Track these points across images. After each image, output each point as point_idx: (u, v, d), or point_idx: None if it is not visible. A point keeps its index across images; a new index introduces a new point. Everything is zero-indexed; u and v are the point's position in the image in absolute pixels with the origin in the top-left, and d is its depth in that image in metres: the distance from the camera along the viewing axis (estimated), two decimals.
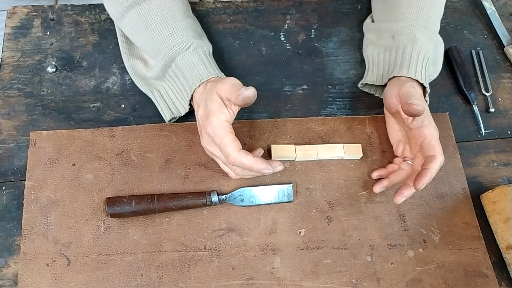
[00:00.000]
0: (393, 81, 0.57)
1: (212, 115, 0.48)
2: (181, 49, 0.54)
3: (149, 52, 0.57)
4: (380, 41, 0.63)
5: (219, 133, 0.48)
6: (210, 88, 0.51)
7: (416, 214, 0.58)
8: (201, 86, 0.53)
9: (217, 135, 0.48)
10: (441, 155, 0.51)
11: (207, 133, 0.49)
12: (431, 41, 0.60)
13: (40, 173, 0.55)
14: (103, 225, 0.53)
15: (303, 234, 0.55)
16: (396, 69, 0.58)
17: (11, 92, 0.60)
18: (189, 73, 0.54)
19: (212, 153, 0.53)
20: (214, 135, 0.48)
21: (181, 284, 0.51)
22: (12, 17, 0.64)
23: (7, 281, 0.50)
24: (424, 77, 0.56)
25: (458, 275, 0.55)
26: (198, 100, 0.53)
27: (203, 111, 0.51)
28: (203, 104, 0.51)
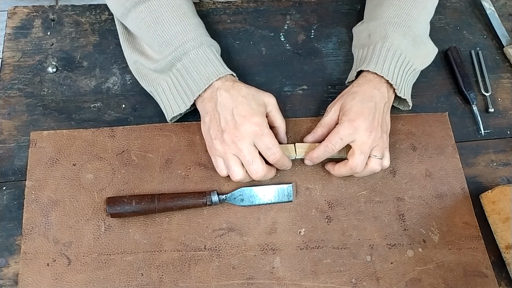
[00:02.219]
0: (356, 81, 0.58)
1: (259, 114, 0.53)
2: (196, 44, 0.55)
3: (155, 47, 0.57)
4: (359, 42, 0.65)
5: (268, 132, 0.52)
6: (252, 91, 0.54)
7: (415, 214, 0.58)
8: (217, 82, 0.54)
9: (266, 134, 0.52)
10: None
11: (240, 128, 0.51)
12: (407, 36, 0.59)
13: (41, 173, 0.55)
14: (103, 225, 0.53)
15: (303, 234, 0.55)
16: (364, 64, 0.59)
17: (12, 92, 0.60)
18: (204, 68, 0.54)
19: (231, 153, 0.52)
20: (262, 134, 0.52)
21: (181, 283, 0.51)
22: (13, 17, 0.65)
23: (7, 280, 0.50)
24: (392, 73, 0.56)
25: (457, 275, 0.55)
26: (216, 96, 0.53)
27: (235, 107, 0.52)
28: (234, 101, 0.52)
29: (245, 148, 0.51)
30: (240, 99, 0.53)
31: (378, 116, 0.55)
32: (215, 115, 0.53)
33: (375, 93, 0.56)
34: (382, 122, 0.56)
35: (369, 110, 0.54)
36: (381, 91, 0.56)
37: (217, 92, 0.53)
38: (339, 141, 0.54)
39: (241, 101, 0.53)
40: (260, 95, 0.55)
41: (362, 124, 0.53)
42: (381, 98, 0.56)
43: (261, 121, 0.52)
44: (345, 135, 0.54)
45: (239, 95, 0.53)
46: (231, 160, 0.52)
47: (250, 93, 0.54)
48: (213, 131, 0.53)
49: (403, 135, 0.63)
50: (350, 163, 0.54)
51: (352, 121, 0.54)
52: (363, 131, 0.53)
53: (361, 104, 0.55)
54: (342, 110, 0.56)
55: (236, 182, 0.56)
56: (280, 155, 0.53)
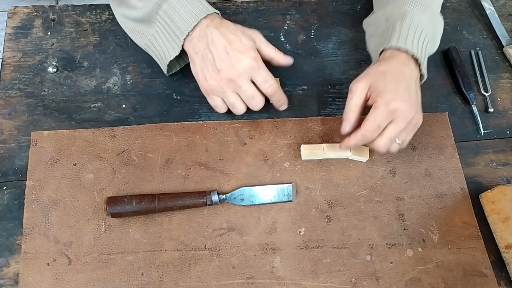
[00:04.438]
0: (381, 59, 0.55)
1: (252, 48, 0.53)
2: None
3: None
4: (378, 30, 0.62)
5: (263, 66, 0.53)
6: (239, 27, 0.54)
7: (415, 213, 0.58)
8: (205, 20, 0.53)
9: (262, 68, 0.53)
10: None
11: (237, 65, 0.52)
12: (426, 12, 0.57)
13: (41, 172, 0.55)
14: (104, 224, 0.53)
15: (303, 234, 0.56)
16: (383, 43, 0.56)
17: (12, 92, 0.60)
18: (191, 7, 0.53)
19: (230, 91, 0.54)
20: (258, 68, 0.53)
21: (182, 283, 0.52)
22: (13, 17, 0.65)
23: (8, 280, 0.50)
24: (416, 47, 0.54)
25: (457, 275, 0.55)
26: (206, 34, 0.53)
27: (227, 44, 0.52)
28: (226, 38, 0.52)
29: (244, 84, 0.53)
30: (231, 36, 0.52)
31: (412, 96, 0.52)
32: (208, 55, 0.53)
33: (405, 71, 0.53)
34: (416, 101, 0.53)
35: (404, 90, 0.51)
36: (410, 68, 0.53)
37: (207, 30, 0.53)
38: (377, 128, 0.51)
39: (233, 38, 0.52)
40: (247, 31, 0.55)
41: (399, 107, 0.50)
42: (411, 76, 0.53)
43: (256, 55, 0.53)
44: (383, 121, 0.51)
45: (229, 32, 0.53)
46: (232, 98, 0.54)
47: (238, 29, 0.54)
48: (208, 72, 0.53)
49: None
50: (375, 144, 0.52)
51: (389, 104, 0.50)
52: (400, 115, 0.51)
53: (395, 83, 0.51)
54: (373, 90, 0.52)
55: (236, 182, 0.57)
56: (276, 87, 0.55)
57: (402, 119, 0.51)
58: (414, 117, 0.52)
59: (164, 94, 0.62)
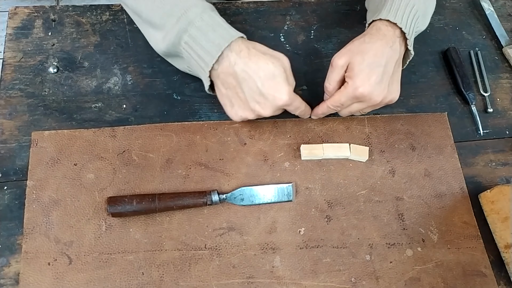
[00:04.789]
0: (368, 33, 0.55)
1: (284, 85, 0.52)
2: (199, 10, 0.51)
3: (157, 20, 0.53)
4: (373, 5, 0.62)
5: (294, 98, 0.54)
6: (268, 57, 0.51)
7: (414, 213, 0.58)
8: (231, 53, 0.51)
9: (294, 102, 0.54)
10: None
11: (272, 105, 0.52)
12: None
13: (42, 172, 0.55)
14: (104, 224, 0.54)
15: (303, 233, 0.56)
16: (376, 13, 0.56)
17: (13, 92, 0.60)
18: (213, 34, 0.51)
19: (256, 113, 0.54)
20: (290, 104, 0.53)
21: (182, 282, 0.52)
22: (14, 17, 0.65)
23: (8, 280, 0.50)
24: (405, 22, 0.54)
25: (456, 274, 0.55)
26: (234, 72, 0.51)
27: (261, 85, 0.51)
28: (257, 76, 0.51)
29: (274, 114, 0.54)
30: (262, 74, 0.51)
31: (386, 80, 0.54)
32: (239, 94, 0.53)
33: (386, 52, 0.53)
34: (392, 83, 0.55)
35: (376, 77, 0.52)
36: (393, 48, 0.54)
37: (235, 67, 0.51)
38: (340, 106, 0.56)
39: (264, 76, 0.51)
40: (277, 61, 0.52)
41: (366, 93, 0.53)
42: (391, 57, 0.54)
43: (289, 90, 0.52)
44: (347, 101, 0.55)
45: (259, 68, 0.50)
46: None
47: (269, 61, 0.51)
48: (239, 108, 0.54)
49: (402, 135, 0.63)
50: (339, 112, 0.59)
51: (356, 90, 0.53)
52: (367, 100, 0.54)
53: (369, 69, 0.52)
54: (349, 69, 0.54)
55: (236, 182, 0.57)
56: (304, 107, 0.57)
57: (367, 102, 0.55)
58: (382, 101, 0.55)
59: (164, 94, 0.62)
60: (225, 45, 0.50)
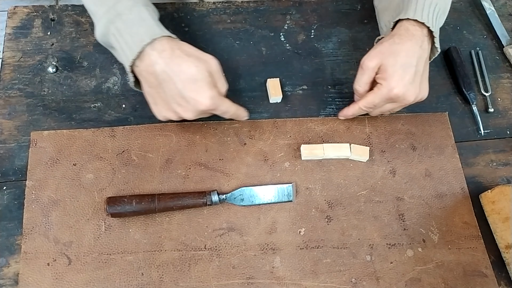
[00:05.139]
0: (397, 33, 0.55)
1: (208, 89, 0.50)
2: (131, 3, 0.50)
3: (91, 6, 0.52)
4: (392, 4, 0.61)
5: (221, 103, 0.52)
6: (193, 60, 0.49)
7: (415, 213, 0.58)
8: (153, 52, 0.49)
9: (220, 105, 0.51)
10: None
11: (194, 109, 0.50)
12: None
13: (41, 173, 0.55)
14: (103, 224, 0.53)
15: (303, 234, 0.56)
16: (401, 13, 0.56)
17: (12, 92, 0.60)
18: (137, 29, 0.49)
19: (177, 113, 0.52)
20: (215, 109, 0.51)
21: (182, 283, 0.52)
22: (13, 17, 0.65)
23: (8, 280, 0.50)
24: (431, 20, 0.54)
25: (457, 275, 0.55)
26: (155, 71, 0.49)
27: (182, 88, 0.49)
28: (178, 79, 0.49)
29: (197, 117, 0.52)
30: (184, 76, 0.49)
31: (417, 79, 0.54)
32: (161, 94, 0.51)
33: (417, 51, 0.54)
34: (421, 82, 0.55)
35: (410, 76, 0.53)
36: (423, 47, 0.54)
37: (156, 67, 0.49)
38: (374, 107, 0.56)
39: (186, 79, 0.49)
40: (203, 64, 0.50)
41: (401, 94, 0.53)
42: (422, 56, 0.54)
43: (212, 94, 0.50)
44: (380, 103, 0.55)
45: (181, 70, 0.49)
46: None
47: (192, 64, 0.49)
48: (163, 108, 0.52)
49: (403, 135, 0.63)
50: (373, 112, 0.59)
51: (391, 91, 0.53)
52: (400, 100, 0.54)
53: (403, 70, 0.53)
54: (382, 70, 0.54)
55: (236, 182, 0.57)
56: (234, 111, 0.54)
57: (399, 102, 0.55)
58: (414, 100, 0.55)
59: None
60: (147, 41, 0.49)
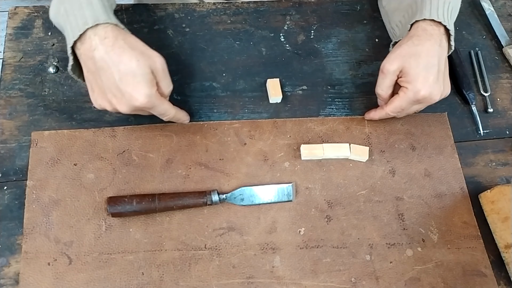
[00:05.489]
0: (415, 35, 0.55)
1: (146, 86, 0.48)
2: None
3: None
4: (402, 3, 0.61)
5: (158, 103, 0.50)
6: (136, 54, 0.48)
7: (414, 213, 0.58)
8: (95, 37, 0.47)
9: (156, 106, 0.50)
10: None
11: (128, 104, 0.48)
12: None
13: (42, 172, 0.55)
14: (104, 224, 0.54)
15: (303, 233, 0.56)
16: (417, 14, 0.56)
17: (13, 92, 0.60)
18: (83, 12, 0.48)
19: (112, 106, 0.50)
20: (152, 107, 0.50)
21: (182, 282, 0.52)
22: (14, 17, 0.65)
23: (8, 280, 0.51)
24: (447, 19, 0.54)
25: (456, 274, 0.55)
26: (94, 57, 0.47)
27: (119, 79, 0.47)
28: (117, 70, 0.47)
29: (133, 112, 0.51)
30: (123, 68, 0.47)
31: (441, 78, 0.55)
32: (97, 80, 0.49)
33: (437, 50, 0.54)
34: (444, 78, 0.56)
35: (434, 76, 0.53)
36: (442, 46, 0.55)
37: (95, 52, 0.47)
38: (401, 111, 0.56)
39: (125, 70, 0.47)
40: (146, 60, 0.49)
41: (427, 95, 0.53)
42: (442, 54, 0.55)
43: (150, 92, 0.48)
44: (408, 106, 0.55)
45: (121, 61, 0.47)
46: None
47: (134, 56, 0.48)
48: (98, 96, 0.50)
49: (403, 135, 0.63)
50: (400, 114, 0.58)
51: (418, 93, 0.53)
52: (427, 101, 0.55)
53: (426, 70, 0.53)
54: (404, 73, 0.54)
55: (236, 182, 0.57)
56: (173, 114, 0.53)
57: (426, 103, 0.56)
58: (439, 99, 0.55)
59: None
60: (89, 25, 0.47)
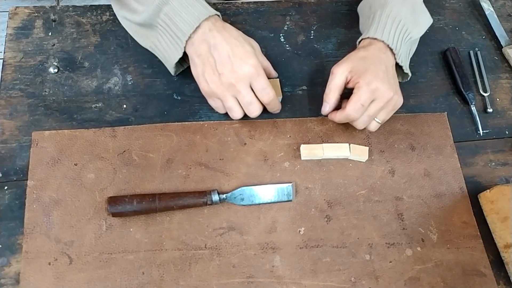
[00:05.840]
0: (360, 47, 0.59)
1: (253, 56, 0.54)
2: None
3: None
4: (362, 18, 0.66)
5: (262, 73, 0.54)
6: (241, 33, 0.55)
7: (414, 213, 0.58)
8: (207, 23, 0.54)
9: (261, 75, 0.54)
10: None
11: (238, 71, 0.53)
12: (406, 3, 0.60)
13: (42, 172, 0.55)
14: (104, 224, 0.54)
15: (303, 233, 0.56)
16: (364, 32, 0.60)
17: (13, 92, 0.60)
18: (192, 8, 0.54)
19: (230, 95, 0.55)
20: (258, 75, 0.54)
21: (182, 282, 0.52)
22: (14, 17, 0.65)
23: (9, 280, 0.51)
24: (390, 37, 0.57)
25: (456, 274, 0.55)
26: (208, 38, 0.54)
27: (230, 49, 0.53)
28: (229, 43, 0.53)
29: (243, 89, 0.54)
30: (234, 41, 0.53)
31: (390, 78, 0.56)
32: (209, 59, 0.54)
33: (382, 57, 0.57)
34: (395, 84, 0.57)
35: (382, 73, 0.55)
36: (387, 54, 0.57)
37: (209, 33, 0.53)
38: (361, 108, 0.55)
39: (235, 43, 0.53)
40: (248, 38, 0.57)
41: (379, 86, 0.54)
42: (388, 61, 0.57)
43: (257, 62, 0.54)
44: (366, 100, 0.55)
45: (231, 37, 0.54)
46: (230, 101, 0.55)
47: (240, 35, 0.55)
48: (209, 75, 0.54)
49: (402, 135, 0.63)
50: (356, 121, 0.57)
51: (370, 84, 0.54)
52: (380, 94, 0.55)
53: (374, 67, 0.55)
54: (354, 72, 0.56)
55: (236, 182, 0.57)
56: (273, 95, 0.56)
57: (382, 98, 0.55)
58: (393, 97, 0.56)
59: (164, 95, 0.63)
60: (203, 17, 0.53)
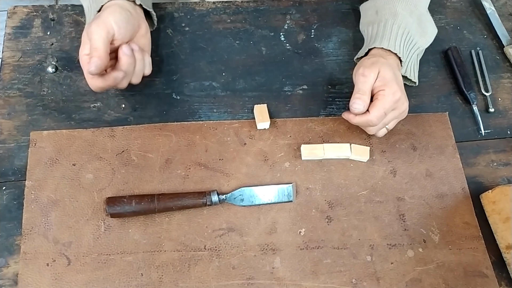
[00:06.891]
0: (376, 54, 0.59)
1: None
2: None
3: None
4: (366, 19, 0.66)
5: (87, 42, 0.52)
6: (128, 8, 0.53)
7: (416, 214, 0.58)
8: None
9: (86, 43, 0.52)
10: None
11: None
12: (413, 15, 0.61)
13: (41, 173, 0.55)
14: (103, 225, 0.53)
15: (303, 234, 0.55)
16: (374, 41, 0.60)
17: (12, 92, 0.60)
18: None
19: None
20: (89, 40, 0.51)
21: (181, 283, 0.51)
22: (13, 17, 0.65)
23: (7, 280, 0.50)
24: (401, 49, 0.58)
25: (458, 275, 0.55)
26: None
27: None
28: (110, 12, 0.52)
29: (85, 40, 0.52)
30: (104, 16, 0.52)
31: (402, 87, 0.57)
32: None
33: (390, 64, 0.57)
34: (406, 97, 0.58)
35: (401, 83, 0.57)
36: (399, 66, 0.59)
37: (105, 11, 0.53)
38: (383, 115, 0.55)
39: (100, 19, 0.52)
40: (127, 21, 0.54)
41: (401, 97, 0.55)
42: (395, 67, 0.58)
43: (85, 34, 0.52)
44: (389, 109, 0.55)
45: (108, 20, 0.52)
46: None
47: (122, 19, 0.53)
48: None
49: (404, 135, 0.62)
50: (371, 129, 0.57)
51: (395, 94, 0.55)
52: (400, 104, 0.56)
53: (395, 77, 0.56)
54: (380, 78, 0.55)
55: (236, 182, 0.57)
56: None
57: (399, 108, 0.56)
58: (407, 108, 0.58)
59: (163, 94, 0.62)
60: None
